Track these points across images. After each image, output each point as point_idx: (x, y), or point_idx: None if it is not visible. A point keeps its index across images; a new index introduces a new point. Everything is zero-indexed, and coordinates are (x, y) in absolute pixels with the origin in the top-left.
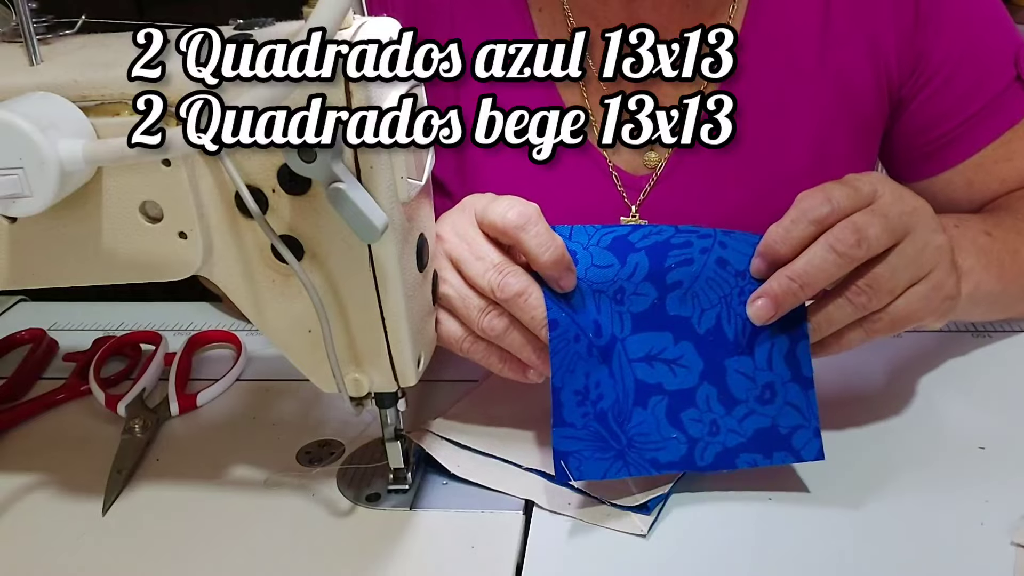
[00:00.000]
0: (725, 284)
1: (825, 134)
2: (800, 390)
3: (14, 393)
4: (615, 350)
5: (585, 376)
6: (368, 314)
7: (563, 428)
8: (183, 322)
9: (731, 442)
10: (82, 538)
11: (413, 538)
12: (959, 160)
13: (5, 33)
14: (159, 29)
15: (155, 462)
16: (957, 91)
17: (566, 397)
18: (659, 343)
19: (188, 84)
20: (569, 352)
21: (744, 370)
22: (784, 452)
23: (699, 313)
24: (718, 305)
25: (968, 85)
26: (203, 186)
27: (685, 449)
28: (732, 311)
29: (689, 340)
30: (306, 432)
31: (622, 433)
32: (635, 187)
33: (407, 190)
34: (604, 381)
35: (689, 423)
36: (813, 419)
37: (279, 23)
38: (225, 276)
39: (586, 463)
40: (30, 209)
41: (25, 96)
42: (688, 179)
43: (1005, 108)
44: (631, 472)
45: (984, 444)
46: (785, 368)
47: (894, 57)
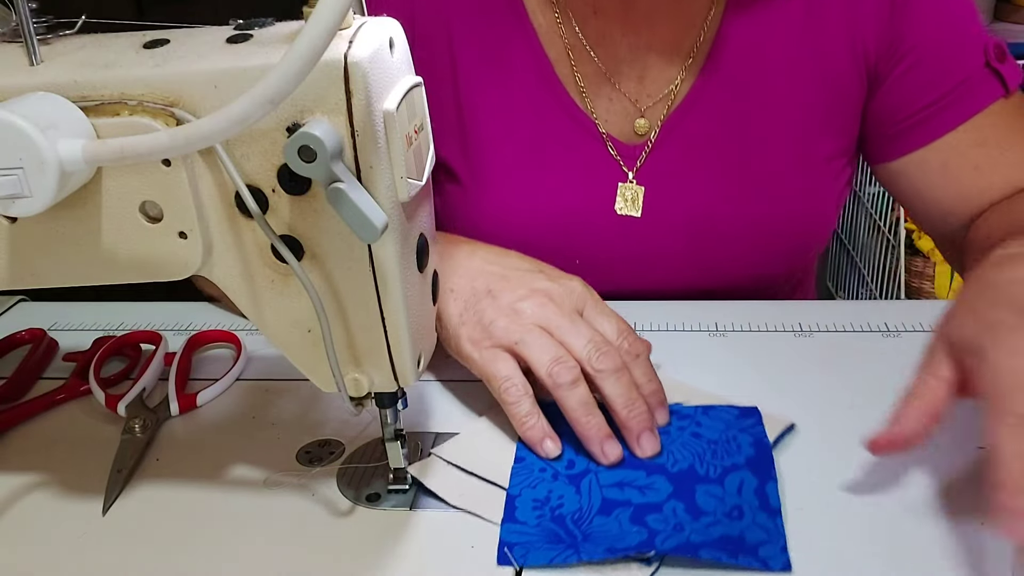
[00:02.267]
0: (698, 446)
1: (808, 108)
2: (768, 517)
3: (14, 393)
4: (586, 479)
5: (548, 491)
6: (368, 314)
7: (513, 524)
8: (183, 322)
9: (695, 539)
10: (82, 538)
11: (413, 538)
12: (931, 139)
13: (5, 33)
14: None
15: (155, 462)
16: (930, 72)
17: (522, 502)
18: (632, 476)
19: (187, 83)
20: (532, 475)
21: (713, 493)
22: (750, 558)
23: (672, 462)
24: (691, 458)
25: (940, 67)
26: (203, 186)
27: (646, 536)
28: (705, 461)
29: (662, 474)
30: (306, 432)
31: (578, 531)
32: (630, 155)
33: (407, 190)
34: (569, 496)
35: (653, 521)
36: (781, 539)
37: (279, 23)
38: (225, 276)
39: (533, 551)
40: (30, 209)
41: (25, 96)
42: (682, 144)
43: (976, 92)
44: (581, 558)
45: (984, 444)
46: (754, 498)
47: (872, 36)
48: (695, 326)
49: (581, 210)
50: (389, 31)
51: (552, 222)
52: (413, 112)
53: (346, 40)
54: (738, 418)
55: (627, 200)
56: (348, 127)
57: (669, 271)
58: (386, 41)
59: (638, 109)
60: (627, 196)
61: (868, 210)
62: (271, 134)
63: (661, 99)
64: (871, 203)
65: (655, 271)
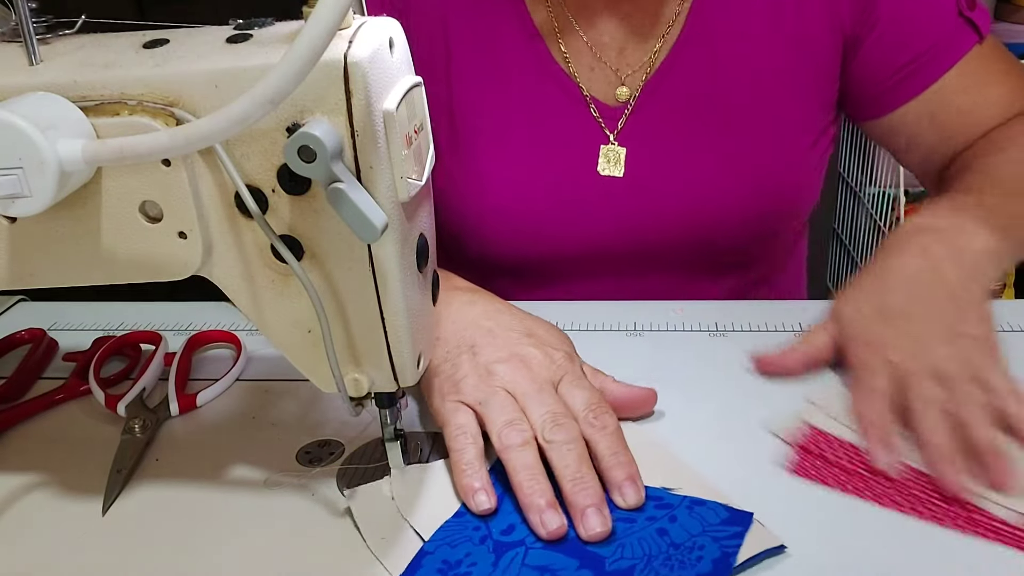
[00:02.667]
0: (655, 547)
1: (783, 72)
2: None
3: (14, 393)
4: (513, 552)
5: (465, 554)
6: (368, 314)
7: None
8: (183, 322)
9: None
10: (82, 538)
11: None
12: (915, 93)
13: (5, 33)
14: (159, 29)
15: (155, 462)
16: (906, 30)
17: (430, 561)
18: (561, 562)
19: (187, 83)
20: (461, 533)
21: None
22: None
23: (617, 557)
24: (639, 560)
25: (916, 24)
26: (203, 186)
27: None
28: (651, 569)
29: (593, 571)
30: (306, 432)
31: None
32: (612, 117)
33: (407, 190)
34: (483, 565)
35: None
36: None
37: (279, 23)
38: (225, 276)
39: None
40: (30, 209)
41: (25, 96)
42: (661, 107)
43: (953, 42)
44: None
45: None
46: None
47: (847, 2)
48: (696, 326)
49: (566, 172)
50: (389, 31)
51: (537, 186)
52: (413, 112)
53: (346, 40)
54: (721, 523)
55: (609, 161)
56: (348, 127)
57: (654, 231)
58: (386, 41)
59: (619, 78)
60: (609, 157)
61: (868, 210)
62: (271, 134)
63: (640, 67)
64: (871, 203)
65: (640, 232)
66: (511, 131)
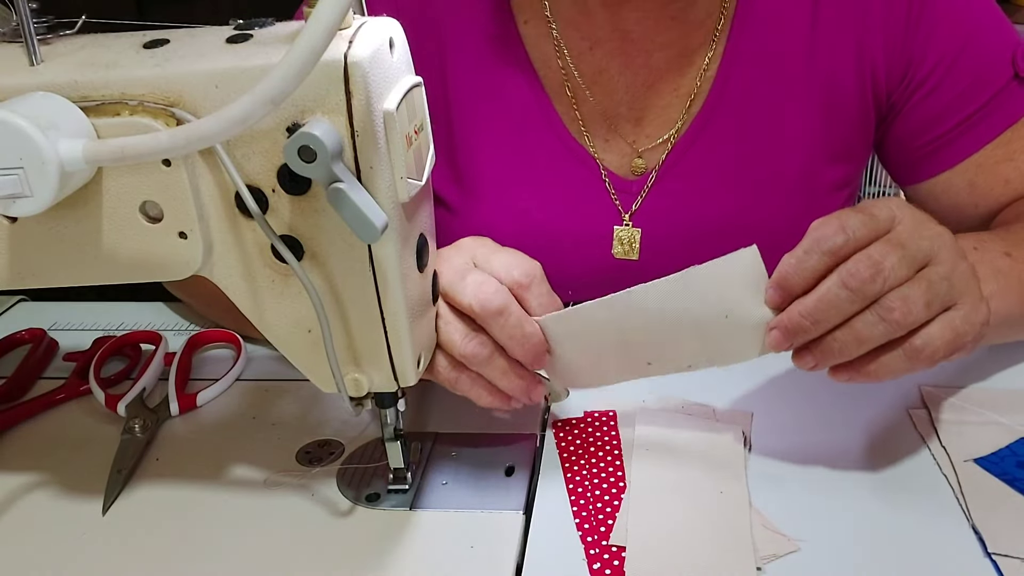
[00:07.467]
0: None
1: (814, 139)
2: None
3: (14, 393)
4: None
5: None
6: (368, 314)
7: None
8: (183, 322)
9: None
10: (82, 538)
11: (413, 538)
12: (958, 160)
13: (5, 33)
14: (159, 29)
15: (155, 462)
16: (953, 91)
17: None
18: None
19: (187, 83)
20: None
21: None
22: None
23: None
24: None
25: (965, 85)
26: (203, 186)
27: None
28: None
29: None
30: (306, 432)
31: None
32: (628, 192)
33: (407, 190)
34: None
35: None
36: None
37: (279, 23)
38: (225, 276)
39: None
40: (30, 209)
41: (25, 96)
42: (680, 185)
43: (1004, 107)
44: None
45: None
46: None
47: (882, 62)
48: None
49: (575, 252)
50: (389, 31)
51: (547, 265)
52: (413, 112)
53: (346, 40)
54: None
55: (624, 244)
56: (348, 127)
57: None
58: (386, 41)
59: (635, 150)
60: (623, 240)
61: None
62: (271, 134)
63: (660, 143)
64: None
65: None
66: (516, 197)
